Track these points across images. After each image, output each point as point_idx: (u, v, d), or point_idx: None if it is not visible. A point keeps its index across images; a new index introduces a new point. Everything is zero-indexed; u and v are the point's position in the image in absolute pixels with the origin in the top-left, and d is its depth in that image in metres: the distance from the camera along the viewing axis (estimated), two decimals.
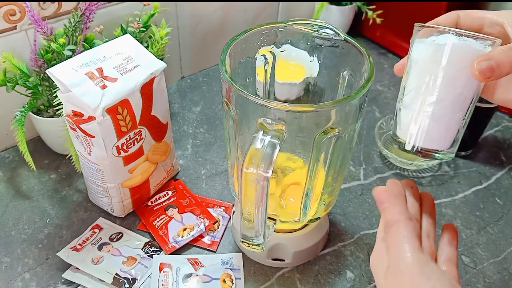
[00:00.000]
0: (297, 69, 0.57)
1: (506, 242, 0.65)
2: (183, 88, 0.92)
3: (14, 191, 0.70)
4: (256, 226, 0.46)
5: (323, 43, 0.53)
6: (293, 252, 0.59)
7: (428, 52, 0.39)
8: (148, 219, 0.66)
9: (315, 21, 0.51)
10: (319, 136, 0.45)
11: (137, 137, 0.60)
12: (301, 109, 0.43)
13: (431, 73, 0.39)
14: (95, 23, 0.70)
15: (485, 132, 0.82)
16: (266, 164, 0.41)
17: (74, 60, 0.55)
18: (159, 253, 0.61)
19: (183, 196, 0.69)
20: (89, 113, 0.53)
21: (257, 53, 0.54)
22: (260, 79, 0.57)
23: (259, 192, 0.43)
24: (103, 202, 0.65)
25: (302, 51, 0.55)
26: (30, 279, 0.58)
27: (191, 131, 0.82)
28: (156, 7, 0.74)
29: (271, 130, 0.43)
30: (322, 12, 1.01)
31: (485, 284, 0.60)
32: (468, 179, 0.75)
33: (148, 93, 0.58)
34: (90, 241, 0.62)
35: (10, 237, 0.63)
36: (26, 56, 0.68)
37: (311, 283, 0.60)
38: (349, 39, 0.50)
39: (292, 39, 0.54)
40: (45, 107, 0.71)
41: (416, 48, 0.41)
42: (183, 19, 0.86)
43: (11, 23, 0.66)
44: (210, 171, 0.74)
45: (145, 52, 0.60)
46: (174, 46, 0.88)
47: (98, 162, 0.59)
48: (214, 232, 0.65)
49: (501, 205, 0.71)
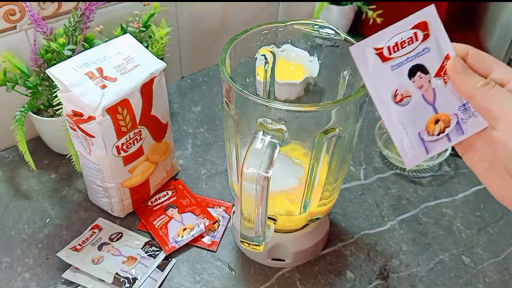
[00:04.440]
0: (297, 69, 0.57)
1: (506, 242, 0.65)
2: (183, 88, 0.92)
3: (14, 191, 0.70)
4: (256, 226, 0.46)
5: (323, 43, 0.53)
6: (293, 252, 0.59)
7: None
8: (148, 219, 0.66)
9: (315, 21, 0.51)
10: (320, 136, 0.45)
11: (137, 137, 0.60)
12: (301, 109, 0.43)
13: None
14: (95, 23, 0.70)
15: None
16: (266, 164, 0.41)
17: (74, 60, 0.55)
18: (159, 253, 0.61)
19: (183, 196, 0.69)
20: (89, 113, 0.53)
21: (257, 53, 0.54)
22: (260, 79, 0.57)
23: (259, 192, 0.43)
24: (103, 202, 0.65)
25: (302, 51, 0.55)
26: (30, 279, 0.58)
27: (191, 131, 0.82)
28: (156, 7, 0.74)
29: (271, 130, 0.43)
30: (322, 12, 1.01)
31: (485, 284, 0.60)
32: (469, 179, 0.75)
33: (148, 93, 0.58)
34: (90, 241, 0.62)
35: (10, 237, 0.63)
36: (26, 56, 0.68)
37: (311, 283, 0.60)
38: (350, 39, 0.50)
39: (292, 39, 0.54)
40: (45, 107, 0.71)
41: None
42: (183, 19, 0.86)
43: (11, 23, 0.66)
44: (210, 171, 0.74)
45: (145, 52, 0.60)
46: (174, 46, 0.88)
47: (98, 162, 0.59)
48: (214, 232, 0.65)
49: (501, 205, 0.70)
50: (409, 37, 0.37)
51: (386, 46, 0.37)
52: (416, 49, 0.37)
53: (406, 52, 0.37)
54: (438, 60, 0.38)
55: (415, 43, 0.37)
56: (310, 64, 0.56)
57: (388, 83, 0.38)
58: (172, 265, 0.61)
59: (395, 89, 0.38)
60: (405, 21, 0.37)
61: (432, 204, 0.70)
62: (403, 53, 0.37)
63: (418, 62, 0.38)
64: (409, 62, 0.38)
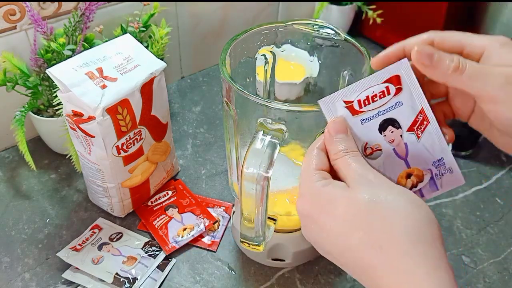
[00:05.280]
0: (297, 69, 0.57)
1: (506, 242, 0.65)
2: (183, 88, 0.92)
3: (14, 191, 0.70)
4: (256, 226, 0.46)
5: (323, 43, 0.53)
6: (293, 252, 0.59)
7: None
8: (148, 219, 0.66)
9: (315, 21, 0.51)
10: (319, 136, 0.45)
11: (137, 137, 0.60)
12: (302, 109, 0.43)
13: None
14: (95, 23, 0.70)
15: None
16: (266, 164, 0.41)
17: (74, 60, 0.55)
18: (159, 253, 0.61)
19: (183, 196, 0.69)
20: (89, 113, 0.53)
21: (257, 53, 0.54)
22: (260, 79, 0.57)
23: (259, 192, 0.43)
24: (103, 202, 0.65)
25: (302, 51, 0.55)
26: (30, 279, 0.58)
27: (191, 131, 0.82)
28: (156, 7, 0.74)
29: (271, 130, 0.43)
30: (322, 12, 1.01)
31: (485, 284, 0.60)
32: (469, 179, 0.75)
33: (148, 93, 0.58)
34: (90, 241, 0.62)
35: (10, 237, 0.63)
36: (26, 56, 0.68)
37: (311, 283, 0.60)
38: (349, 39, 0.50)
39: (292, 39, 0.54)
40: (45, 107, 0.71)
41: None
42: (183, 19, 0.86)
43: (11, 23, 0.66)
44: (210, 171, 0.74)
45: (145, 52, 0.60)
46: (174, 46, 0.88)
47: (98, 162, 0.59)
48: (214, 232, 0.65)
49: (502, 205, 0.71)
50: (381, 91, 0.36)
51: (357, 100, 0.37)
52: (388, 103, 0.37)
53: (377, 106, 0.37)
54: (411, 114, 0.37)
55: (386, 97, 0.37)
56: (310, 64, 0.56)
57: (358, 136, 0.37)
58: (172, 265, 0.61)
59: (364, 143, 0.38)
60: (377, 75, 0.37)
61: (432, 204, 0.70)
62: (374, 107, 0.37)
63: (390, 116, 0.37)
64: (380, 116, 0.37)
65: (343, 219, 0.33)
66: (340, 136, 0.37)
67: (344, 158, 0.36)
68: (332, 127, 0.37)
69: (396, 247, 0.31)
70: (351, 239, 0.33)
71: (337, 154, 0.36)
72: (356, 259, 0.33)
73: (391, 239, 0.31)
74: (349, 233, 0.33)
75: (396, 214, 0.32)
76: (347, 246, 0.33)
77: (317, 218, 0.35)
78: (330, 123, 0.37)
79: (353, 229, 0.33)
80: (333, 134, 0.37)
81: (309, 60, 0.56)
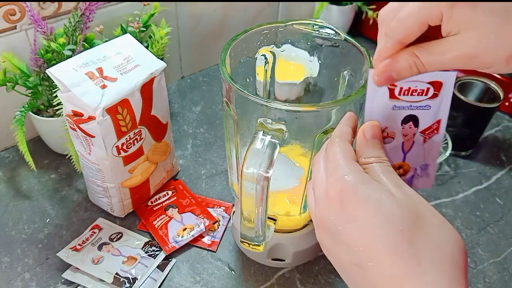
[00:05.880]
0: (297, 69, 0.57)
1: (506, 242, 0.65)
2: (183, 88, 0.92)
3: (14, 191, 0.70)
4: (256, 226, 0.46)
5: (323, 43, 0.53)
6: (293, 252, 0.59)
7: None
8: (148, 219, 0.66)
9: (315, 21, 0.51)
10: (320, 136, 0.45)
11: (137, 137, 0.60)
12: (302, 109, 0.43)
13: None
14: (95, 23, 0.70)
15: (485, 132, 0.82)
16: (266, 164, 0.41)
17: (74, 60, 0.55)
18: (159, 253, 0.61)
19: (183, 196, 0.69)
20: (89, 113, 0.53)
21: (257, 53, 0.54)
22: (260, 79, 0.57)
23: (259, 192, 0.43)
24: (103, 202, 0.65)
25: (302, 51, 0.55)
26: (30, 279, 0.58)
27: (191, 131, 0.82)
28: (156, 7, 0.74)
29: (271, 130, 0.43)
30: (322, 12, 1.01)
31: (485, 284, 0.60)
32: (469, 179, 0.75)
33: (148, 93, 0.58)
34: (90, 241, 0.62)
35: (10, 237, 0.63)
36: (26, 56, 0.68)
37: (311, 283, 0.60)
38: (350, 39, 0.50)
39: (292, 39, 0.54)
40: (45, 107, 0.71)
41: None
42: (183, 19, 0.86)
43: (11, 23, 0.66)
44: (210, 171, 0.74)
45: (145, 52, 0.60)
46: (174, 46, 0.88)
47: (98, 162, 0.59)
48: (214, 232, 0.65)
49: (502, 205, 0.71)
50: (422, 89, 0.38)
51: (400, 86, 0.38)
52: (421, 102, 0.38)
53: (412, 100, 0.38)
54: (430, 120, 0.39)
55: (422, 96, 0.38)
56: (310, 64, 0.56)
57: (383, 117, 0.39)
58: (172, 265, 0.61)
59: (385, 126, 0.39)
60: (427, 73, 0.38)
61: (432, 204, 0.70)
62: (410, 100, 0.38)
63: (416, 113, 0.39)
64: (409, 110, 0.39)
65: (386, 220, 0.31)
66: (374, 141, 0.37)
67: (375, 165, 0.35)
68: (369, 130, 0.37)
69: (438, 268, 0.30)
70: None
71: (369, 158, 0.36)
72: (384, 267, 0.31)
73: (435, 260, 0.30)
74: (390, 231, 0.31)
75: (443, 236, 0.31)
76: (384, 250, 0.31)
77: (354, 206, 0.33)
78: (367, 125, 0.37)
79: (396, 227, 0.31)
80: (368, 137, 0.37)
81: (309, 60, 0.56)
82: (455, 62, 0.33)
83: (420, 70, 0.34)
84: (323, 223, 0.35)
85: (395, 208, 0.31)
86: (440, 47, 0.33)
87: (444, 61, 0.33)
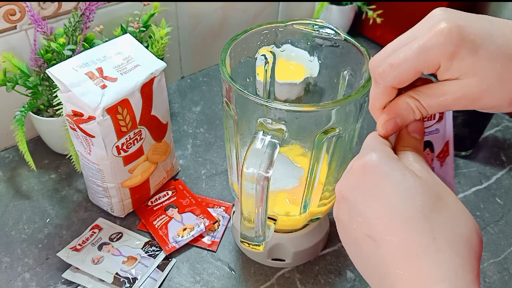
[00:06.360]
0: (297, 69, 0.57)
1: (506, 242, 0.65)
2: (183, 88, 0.92)
3: (14, 191, 0.70)
4: (256, 226, 0.46)
5: (323, 43, 0.53)
6: (293, 252, 0.59)
7: None
8: (148, 219, 0.66)
9: (315, 20, 0.51)
10: (320, 136, 0.45)
11: (137, 137, 0.60)
12: (302, 109, 0.43)
13: None
14: (95, 23, 0.70)
15: (485, 132, 0.82)
16: (266, 164, 0.41)
17: (74, 60, 0.55)
18: (159, 253, 0.61)
19: (183, 196, 0.69)
20: (89, 113, 0.53)
21: (257, 53, 0.54)
22: (260, 79, 0.57)
23: (259, 192, 0.43)
24: (103, 202, 0.65)
25: (302, 51, 0.55)
26: (30, 279, 0.58)
27: (191, 131, 0.82)
28: (156, 7, 0.74)
29: (271, 130, 0.43)
30: (322, 12, 1.01)
31: (485, 284, 0.60)
32: (468, 179, 0.75)
33: (148, 93, 0.58)
34: (90, 241, 0.62)
35: (10, 237, 0.63)
36: (26, 56, 0.68)
37: (311, 283, 0.60)
38: (350, 39, 0.50)
39: (292, 39, 0.54)
40: (45, 107, 0.71)
41: None
42: (183, 19, 0.86)
43: (11, 23, 0.66)
44: (210, 171, 0.74)
45: (145, 52, 0.60)
46: (174, 46, 0.88)
47: (98, 162, 0.59)
48: (214, 232, 0.65)
49: (502, 205, 0.71)
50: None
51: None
52: (431, 126, 0.39)
53: (425, 127, 0.38)
54: (441, 143, 0.39)
55: (432, 121, 0.38)
56: (310, 64, 0.56)
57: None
58: (172, 265, 0.61)
59: None
60: None
61: None
62: (424, 126, 0.38)
63: (429, 139, 0.39)
64: (425, 137, 0.38)
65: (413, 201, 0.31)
66: (415, 134, 0.36)
67: (409, 153, 0.35)
68: (413, 125, 0.36)
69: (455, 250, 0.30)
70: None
71: (405, 147, 0.36)
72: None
73: (452, 240, 0.30)
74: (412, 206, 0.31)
75: (462, 220, 0.31)
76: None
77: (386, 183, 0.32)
78: (414, 123, 0.36)
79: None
80: (411, 130, 0.36)
81: (309, 60, 0.55)
82: (456, 103, 0.33)
83: (422, 113, 0.34)
84: (342, 193, 0.35)
85: (418, 185, 0.31)
86: (439, 90, 0.33)
87: (445, 102, 0.33)
